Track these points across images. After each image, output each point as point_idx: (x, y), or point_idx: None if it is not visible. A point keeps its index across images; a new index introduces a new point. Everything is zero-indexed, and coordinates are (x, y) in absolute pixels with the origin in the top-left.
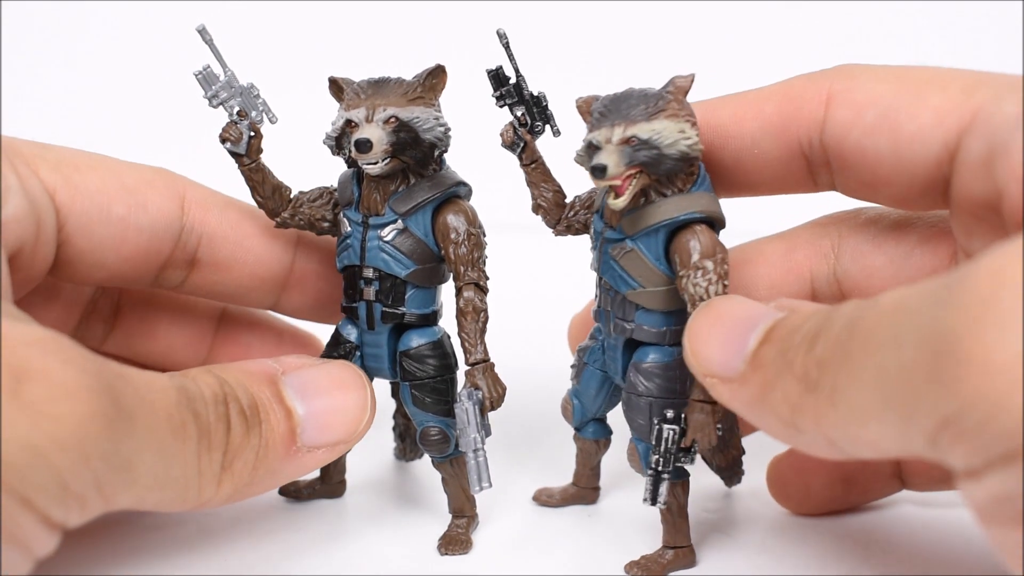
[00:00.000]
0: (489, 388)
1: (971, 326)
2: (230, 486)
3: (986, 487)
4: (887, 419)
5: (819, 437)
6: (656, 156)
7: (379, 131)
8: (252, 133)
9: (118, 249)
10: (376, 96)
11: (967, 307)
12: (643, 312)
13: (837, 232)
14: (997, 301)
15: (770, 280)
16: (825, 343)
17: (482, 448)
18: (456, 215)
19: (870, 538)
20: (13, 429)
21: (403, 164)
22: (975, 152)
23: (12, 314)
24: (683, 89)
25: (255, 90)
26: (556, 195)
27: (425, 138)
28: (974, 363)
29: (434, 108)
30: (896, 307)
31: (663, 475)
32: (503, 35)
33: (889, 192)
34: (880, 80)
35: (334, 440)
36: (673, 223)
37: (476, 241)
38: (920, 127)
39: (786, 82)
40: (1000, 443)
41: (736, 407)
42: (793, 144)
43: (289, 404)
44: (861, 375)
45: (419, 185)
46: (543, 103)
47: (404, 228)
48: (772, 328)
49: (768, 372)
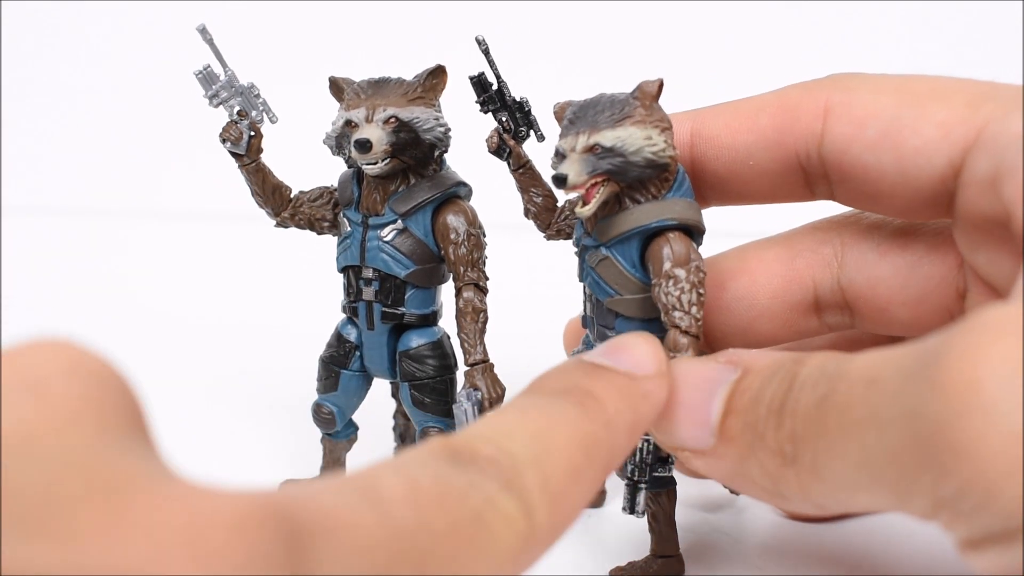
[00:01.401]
0: (488, 389)
1: (958, 415)
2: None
3: (987, 558)
4: (878, 492)
5: (806, 503)
6: (621, 164)
7: (379, 131)
8: (252, 133)
9: None
10: (376, 96)
11: (950, 394)
12: (623, 320)
13: (840, 239)
14: (980, 386)
15: (771, 290)
16: (795, 417)
17: None
18: (456, 215)
19: (865, 546)
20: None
21: (403, 164)
22: (981, 170)
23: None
24: (649, 94)
25: (255, 90)
26: (546, 199)
27: (425, 138)
28: (965, 453)
29: (434, 108)
30: (869, 382)
31: (640, 484)
32: (482, 41)
33: (892, 204)
34: (880, 92)
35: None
36: (645, 230)
37: (476, 241)
38: (924, 142)
39: (780, 92)
40: (999, 522)
41: (715, 477)
42: (790, 156)
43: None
44: (843, 451)
45: (419, 185)
46: (526, 108)
47: (404, 228)
48: (731, 395)
49: (740, 445)
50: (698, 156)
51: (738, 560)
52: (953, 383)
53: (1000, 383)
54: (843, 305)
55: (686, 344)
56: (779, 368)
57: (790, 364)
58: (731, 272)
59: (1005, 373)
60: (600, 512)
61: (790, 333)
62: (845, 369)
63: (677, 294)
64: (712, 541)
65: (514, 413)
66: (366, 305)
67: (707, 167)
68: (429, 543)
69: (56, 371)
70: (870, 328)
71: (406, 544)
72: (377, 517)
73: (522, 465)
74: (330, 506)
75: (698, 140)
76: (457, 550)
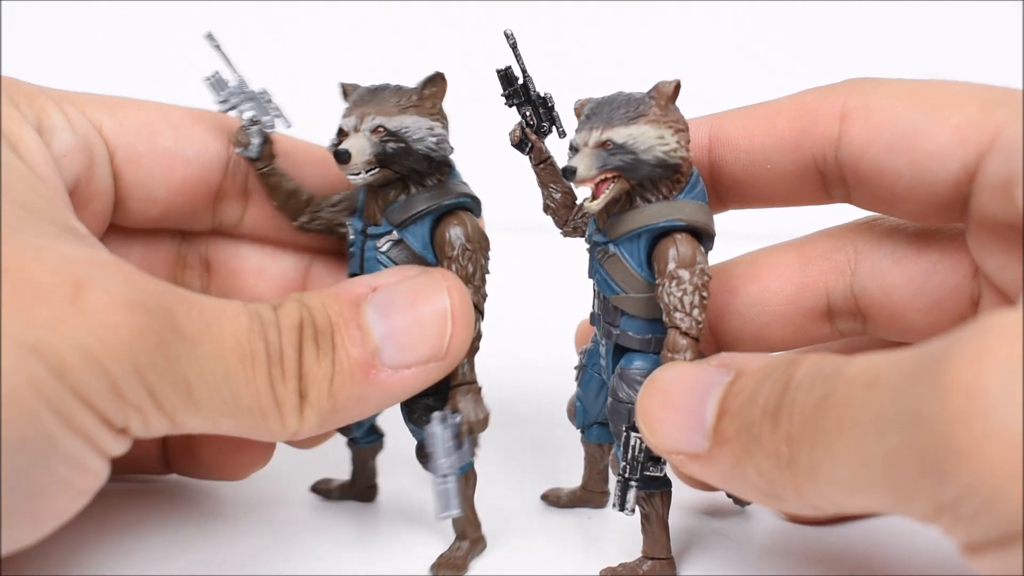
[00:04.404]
0: (469, 412)
1: (960, 419)
2: (313, 416)
3: (988, 562)
4: (876, 494)
5: (802, 505)
6: (632, 161)
7: (363, 141)
8: (262, 138)
9: (168, 180)
10: (367, 105)
11: (952, 398)
12: (628, 318)
13: (853, 246)
14: (982, 392)
15: (784, 296)
16: (791, 418)
17: (451, 474)
18: (454, 228)
19: (865, 549)
20: (70, 332)
21: (396, 174)
22: (995, 176)
23: (83, 237)
24: (666, 95)
25: (267, 95)
26: (565, 196)
27: (416, 148)
28: (967, 457)
29: (430, 117)
30: (869, 383)
31: (631, 482)
32: (510, 35)
33: (907, 208)
34: (895, 97)
35: (418, 359)
36: (653, 229)
37: (472, 257)
38: (939, 147)
39: (797, 96)
40: (1000, 526)
41: (710, 481)
42: (807, 160)
43: (366, 324)
44: (841, 453)
45: (417, 196)
46: (549, 104)
47: (399, 240)
48: (725, 398)
49: (735, 447)
50: (716, 159)
51: (738, 563)
52: (955, 388)
53: (1002, 388)
54: (856, 312)
55: (685, 345)
56: (773, 370)
57: (784, 366)
58: (743, 277)
59: (1007, 379)
60: (612, 513)
61: (802, 339)
62: (843, 371)
63: (679, 295)
64: (712, 543)
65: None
66: None
67: (725, 170)
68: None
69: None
70: (883, 334)
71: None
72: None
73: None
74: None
75: (716, 144)
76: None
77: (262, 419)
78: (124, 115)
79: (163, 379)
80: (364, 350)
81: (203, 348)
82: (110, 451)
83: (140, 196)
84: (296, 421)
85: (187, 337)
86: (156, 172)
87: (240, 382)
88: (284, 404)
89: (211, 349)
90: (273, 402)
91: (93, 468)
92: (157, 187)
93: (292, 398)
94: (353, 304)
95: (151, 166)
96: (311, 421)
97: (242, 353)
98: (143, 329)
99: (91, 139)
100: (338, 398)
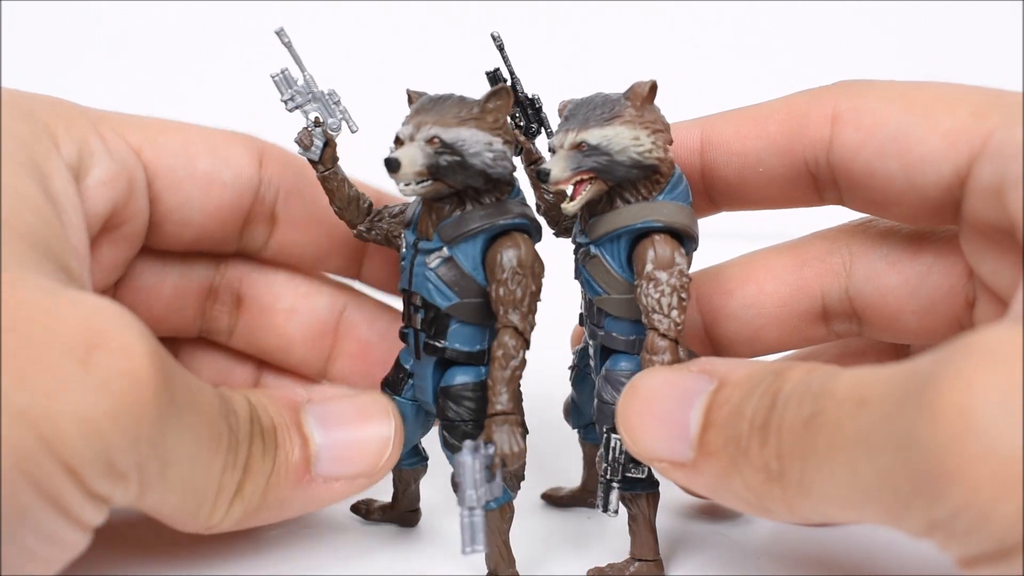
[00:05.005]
0: (504, 443)
1: (950, 440)
2: (240, 510)
3: (985, 574)
4: (869, 510)
5: (792, 517)
6: (606, 162)
7: (416, 151)
8: (324, 140)
9: (204, 205)
10: (426, 113)
11: (942, 420)
12: (612, 319)
13: (848, 248)
14: (972, 413)
15: (779, 299)
16: (780, 435)
17: (478, 508)
18: (507, 250)
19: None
20: (74, 400)
21: (450, 189)
22: (987, 180)
23: (86, 286)
24: (641, 95)
25: (336, 96)
26: (557, 197)
27: (472, 163)
28: (959, 478)
29: (491, 132)
30: (859, 403)
31: (612, 483)
32: (497, 37)
33: (899, 211)
34: (887, 100)
35: (351, 473)
36: (631, 230)
37: (522, 282)
38: (931, 150)
39: (788, 99)
40: (993, 543)
41: (696, 490)
42: (798, 163)
43: (307, 432)
44: (832, 471)
45: (472, 213)
46: (537, 105)
47: (449, 257)
48: (709, 408)
49: (722, 460)
50: (708, 162)
51: (729, 564)
52: (945, 409)
53: (992, 408)
54: (851, 314)
55: (664, 347)
56: (759, 382)
57: (771, 378)
58: (738, 279)
59: (997, 398)
60: (596, 512)
61: (797, 341)
62: (831, 388)
63: (657, 296)
64: (702, 545)
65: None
66: (414, 333)
67: (717, 173)
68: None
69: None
70: (878, 336)
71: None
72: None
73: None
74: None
75: (708, 146)
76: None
77: (198, 505)
78: (163, 139)
79: (153, 451)
80: (303, 455)
81: (187, 421)
82: (89, 522)
83: (176, 220)
84: (223, 513)
85: (178, 409)
86: (194, 196)
87: (203, 462)
88: (223, 492)
89: (193, 423)
90: (216, 488)
91: (68, 540)
92: (193, 211)
93: (231, 488)
94: (291, 409)
95: (189, 190)
96: (235, 515)
97: (212, 434)
98: (151, 397)
99: (130, 164)
100: (268, 497)
